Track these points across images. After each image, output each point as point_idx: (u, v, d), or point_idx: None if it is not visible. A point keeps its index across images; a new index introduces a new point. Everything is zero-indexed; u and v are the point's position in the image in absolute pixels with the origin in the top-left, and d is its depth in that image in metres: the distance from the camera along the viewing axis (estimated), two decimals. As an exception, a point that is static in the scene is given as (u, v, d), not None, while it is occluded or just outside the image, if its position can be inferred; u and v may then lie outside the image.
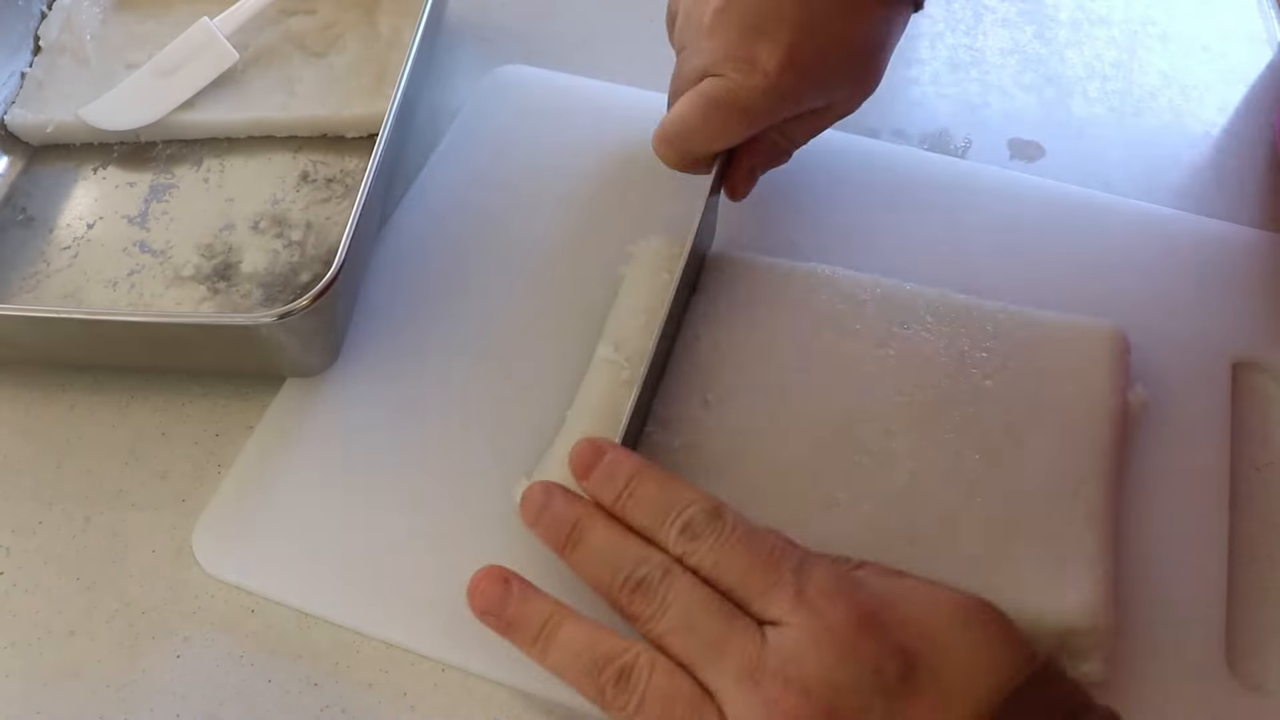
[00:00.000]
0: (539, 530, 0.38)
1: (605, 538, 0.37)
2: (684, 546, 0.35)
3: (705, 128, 0.45)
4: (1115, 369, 0.45)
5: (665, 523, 0.36)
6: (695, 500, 0.36)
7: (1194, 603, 0.42)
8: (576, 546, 0.37)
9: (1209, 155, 0.59)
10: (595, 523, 0.37)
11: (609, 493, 0.37)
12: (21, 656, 0.43)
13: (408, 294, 0.52)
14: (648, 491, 0.37)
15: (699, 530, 0.35)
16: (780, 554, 0.35)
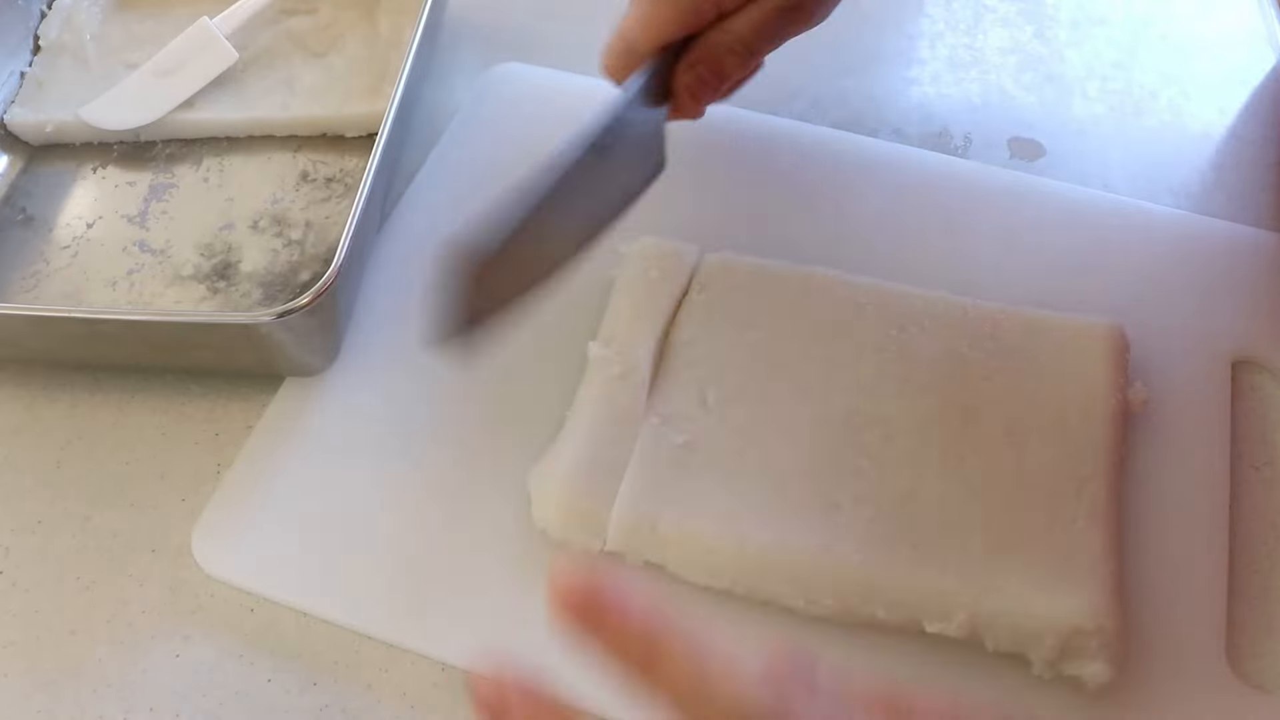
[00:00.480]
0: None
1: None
2: None
3: (639, 23, 0.43)
4: (1115, 368, 0.45)
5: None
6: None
7: (1194, 601, 0.42)
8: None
9: (1209, 155, 0.59)
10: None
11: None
12: (21, 656, 0.43)
13: (407, 293, 0.51)
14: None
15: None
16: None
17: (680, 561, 0.42)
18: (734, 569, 0.41)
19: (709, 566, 0.41)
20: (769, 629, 0.41)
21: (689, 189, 0.54)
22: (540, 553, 0.43)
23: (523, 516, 0.44)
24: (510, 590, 0.43)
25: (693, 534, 0.41)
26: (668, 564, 0.42)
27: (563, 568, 0.29)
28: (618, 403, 0.44)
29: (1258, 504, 0.46)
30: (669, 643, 0.29)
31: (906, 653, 0.41)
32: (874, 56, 0.63)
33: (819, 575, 0.40)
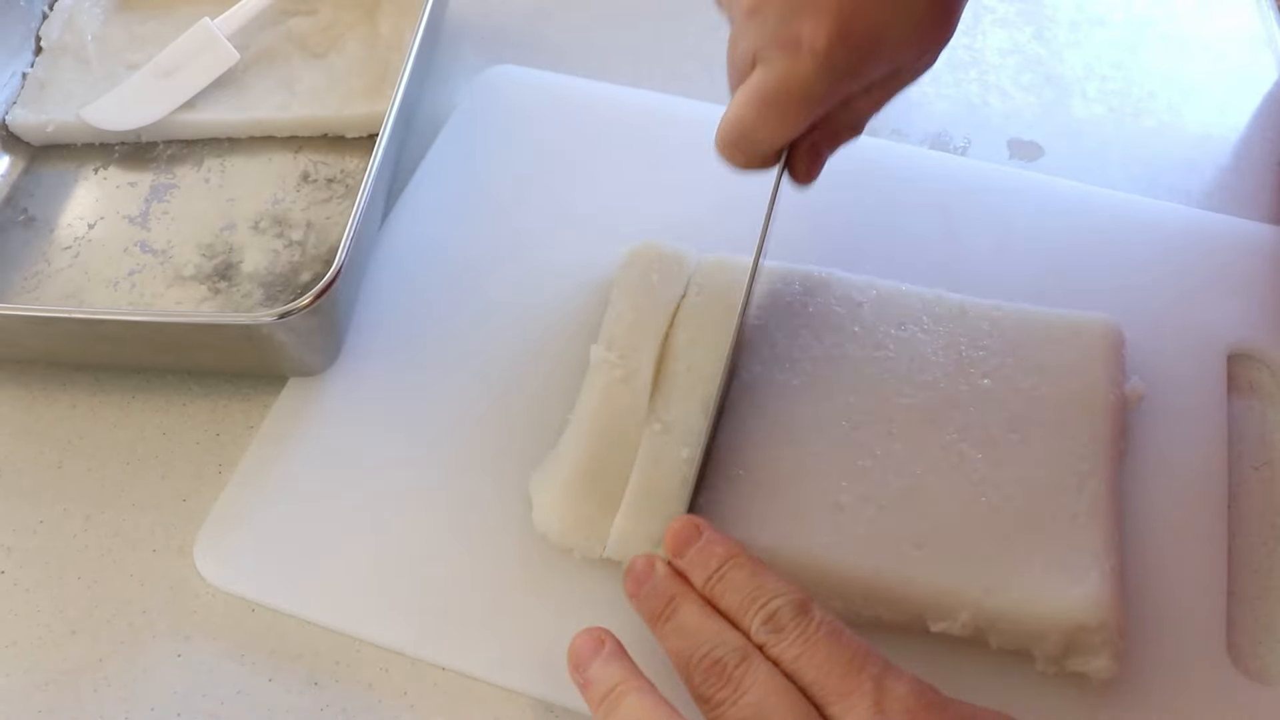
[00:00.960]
0: (639, 602, 0.39)
1: (694, 615, 0.37)
2: (766, 637, 0.35)
3: (764, 125, 0.41)
4: (1112, 363, 0.46)
5: (751, 610, 0.36)
6: (784, 592, 0.36)
7: (1194, 594, 0.42)
8: (668, 621, 0.37)
9: (1209, 155, 0.59)
10: (689, 600, 0.37)
11: (701, 573, 0.38)
12: (22, 656, 0.43)
13: (408, 293, 0.52)
14: (738, 577, 0.37)
15: (783, 622, 0.35)
16: (863, 660, 0.34)
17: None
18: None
19: None
20: None
21: (686, 189, 0.55)
22: (540, 558, 0.43)
23: (524, 521, 0.44)
24: (513, 596, 0.42)
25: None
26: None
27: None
28: (619, 407, 0.44)
29: (1257, 503, 0.46)
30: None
31: (910, 651, 0.40)
32: (874, 57, 0.63)
33: (822, 577, 0.40)
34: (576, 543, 0.42)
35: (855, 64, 0.39)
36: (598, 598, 0.42)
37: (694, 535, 0.39)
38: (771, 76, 0.40)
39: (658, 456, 0.43)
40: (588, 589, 0.42)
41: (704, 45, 0.64)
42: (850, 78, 0.40)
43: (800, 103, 0.40)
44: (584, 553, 0.42)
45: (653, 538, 0.41)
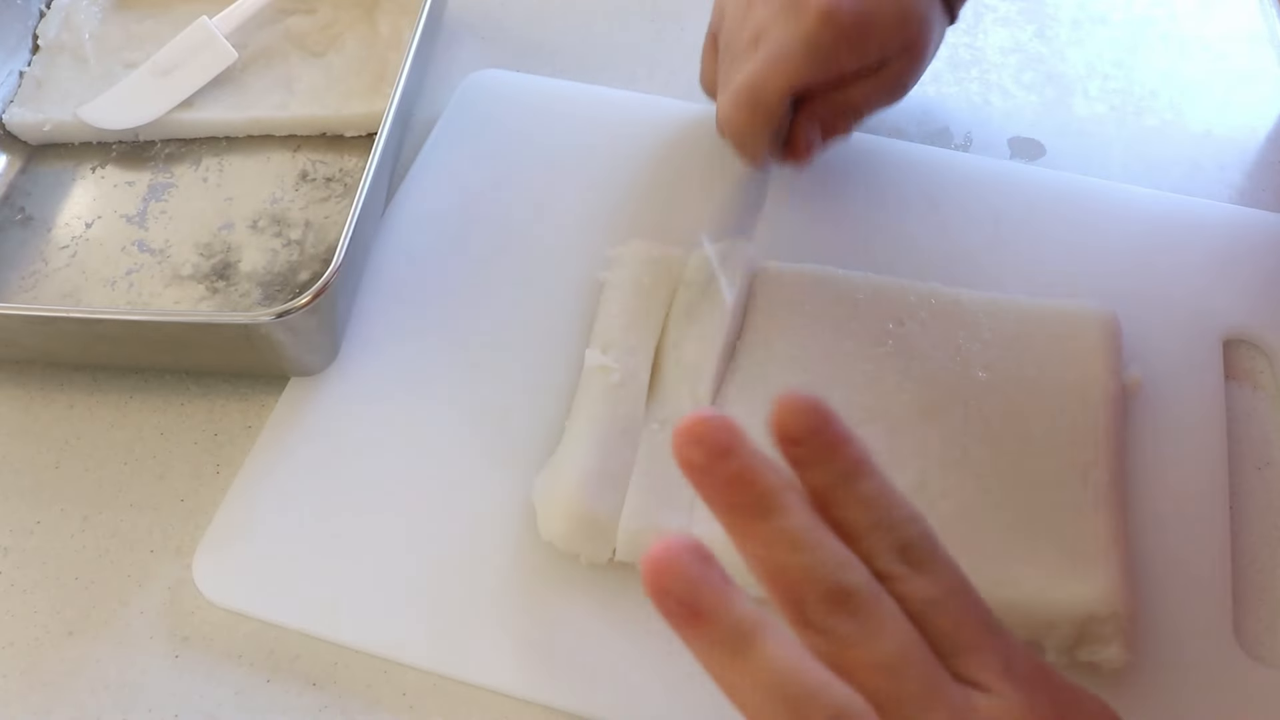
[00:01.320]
0: (709, 482, 0.29)
1: (808, 522, 0.29)
2: (899, 569, 0.29)
3: (773, 77, 0.45)
4: (1110, 352, 0.46)
5: (882, 532, 0.30)
6: (917, 520, 0.30)
7: (1199, 581, 0.42)
8: (767, 518, 0.28)
9: (1211, 154, 0.59)
10: (798, 500, 0.29)
11: (824, 472, 0.30)
12: (21, 656, 0.43)
13: (406, 293, 0.51)
14: (870, 488, 0.30)
15: (920, 557, 0.30)
16: (994, 620, 0.31)
17: None
18: (744, 573, 0.41)
19: None
20: (786, 628, 0.41)
21: (682, 188, 0.54)
22: (547, 564, 0.43)
23: (528, 527, 0.43)
24: (523, 604, 0.42)
25: (701, 540, 0.41)
26: None
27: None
28: (619, 411, 0.44)
29: (1259, 504, 0.46)
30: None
31: None
32: (874, 56, 0.63)
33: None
34: (583, 548, 0.42)
35: (848, 35, 0.44)
36: (608, 602, 0.42)
37: (820, 422, 0.30)
38: (779, 35, 0.45)
39: (657, 454, 0.43)
40: (596, 593, 0.42)
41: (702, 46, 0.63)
42: (845, 47, 0.45)
43: (806, 53, 0.44)
44: (591, 558, 0.42)
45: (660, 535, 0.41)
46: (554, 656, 0.41)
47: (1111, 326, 0.46)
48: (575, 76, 0.62)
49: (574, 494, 0.42)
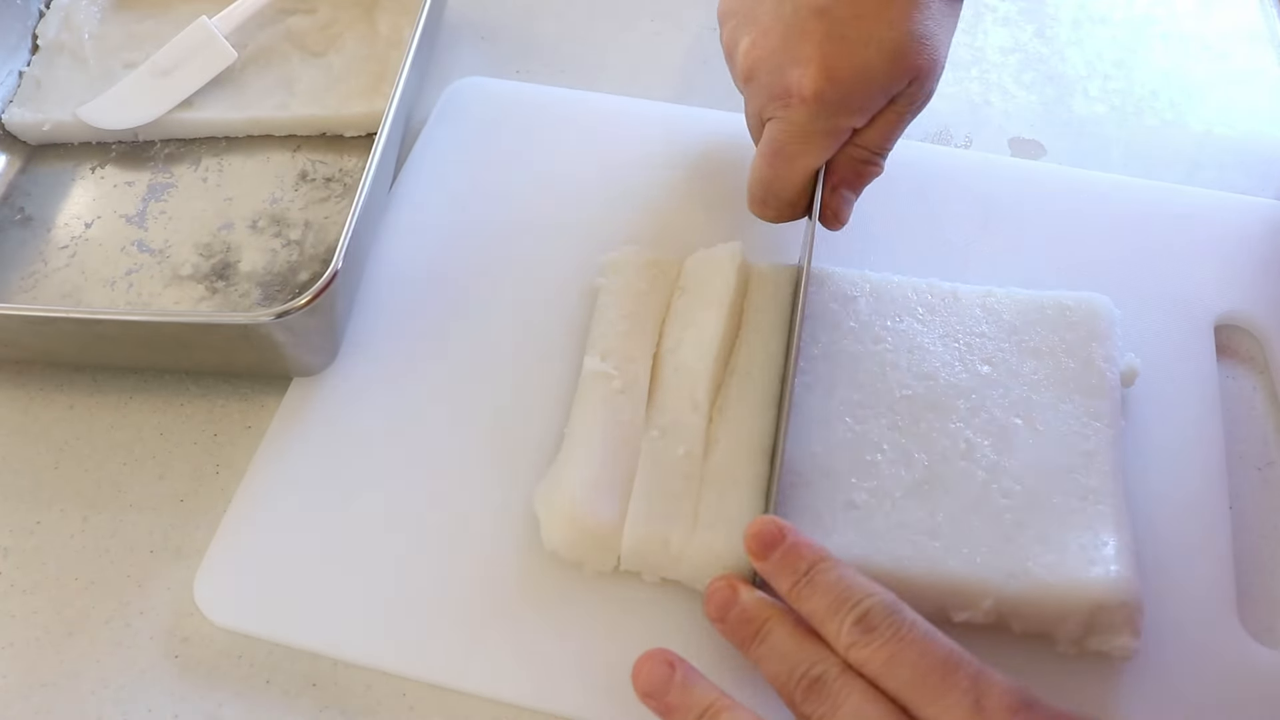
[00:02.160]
0: (725, 627, 0.38)
1: (788, 637, 0.37)
2: (856, 638, 0.35)
3: (779, 175, 0.45)
4: (1108, 340, 0.46)
5: (840, 612, 0.35)
6: (874, 594, 0.36)
7: (1202, 566, 0.43)
8: (761, 644, 0.37)
9: (1211, 153, 0.59)
10: (780, 623, 0.37)
11: (788, 577, 0.37)
12: (20, 657, 0.43)
13: (405, 293, 0.51)
14: (826, 580, 0.37)
15: (875, 623, 0.35)
16: (957, 660, 0.34)
17: (697, 575, 0.41)
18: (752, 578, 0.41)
19: None
20: None
21: (680, 190, 0.54)
22: (551, 574, 0.43)
23: (529, 536, 0.43)
24: (527, 614, 0.42)
25: (705, 547, 0.41)
26: (684, 579, 0.41)
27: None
28: (620, 418, 0.44)
29: (1260, 504, 0.46)
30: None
31: None
32: (874, 56, 0.63)
33: None
34: (587, 557, 0.42)
35: (846, 100, 0.43)
36: (612, 611, 0.42)
37: (778, 538, 0.38)
38: (773, 130, 0.44)
39: (658, 461, 0.43)
40: (600, 602, 0.42)
41: (702, 45, 0.64)
42: (845, 114, 0.43)
43: (802, 146, 0.44)
44: (595, 566, 0.42)
45: (664, 543, 0.41)
46: (559, 665, 0.41)
47: (1108, 314, 0.47)
48: (575, 75, 0.62)
49: (576, 503, 0.41)
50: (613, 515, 0.42)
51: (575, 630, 0.41)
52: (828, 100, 0.42)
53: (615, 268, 0.49)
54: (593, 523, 0.41)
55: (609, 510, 0.42)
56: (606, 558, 0.42)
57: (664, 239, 0.51)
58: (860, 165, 0.46)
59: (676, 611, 0.42)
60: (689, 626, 0.41)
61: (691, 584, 0.41)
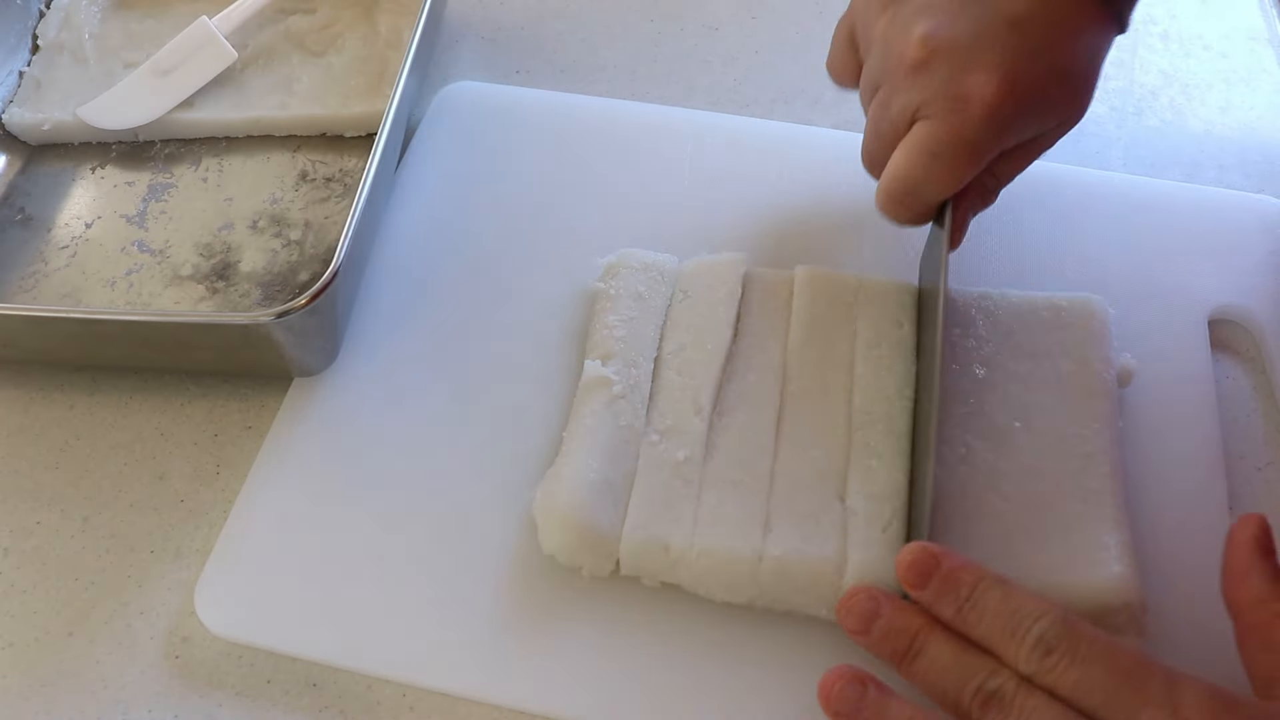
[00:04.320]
0: (869, 640, 0.37)
1: (948, 649, 0.36)
2: (1037, 664, 0.34)
3: (932, 178, 0.42)
4: (1104, 341, 0.46)
5: (1015, 636, 0.34)
6: (1045, 611, 0.35)
7: (1203, 563, 0.42)
8: (916, 658, 0.36)
9: (1211, 154, 0.59)
10: (934, 634, 0.36)
11: (950, 603, 0.36)
12: (20, 657, 0.43)
13: (405, 294, 0.51)
14: (991, 602, 0.35)
15: (1053, 644, 0.34)
16: (1146, 669, 0.33)
17: (696, 580, 0.41)
18: (752, 583, 0.41)
19: (726, 583, 0.41)
20: (794, 638, 0.41)
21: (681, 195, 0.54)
22: (549, 578, 0.43)
23: (527, 540, 0.43)
24: (527, 619, 0.42)
25: (706, 552, 0.41)
26: (684, 583, 0.41)
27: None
28: (620, 423, 0.44)
29: (1260, 505, 0.46)
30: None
31: None
32: (874, 56, 0.63)
33: (840, 584, 0.40)
34: (585, 561, 0.42)
35: (1017, 119, 0.41)
36: (609, 615, 0.42)
37: (933, 564, 0.37)
38: (940, 130, 0.41)
39: (657, 465, 0.43)
40: (597, 606, 0.42)
41: (703, 47, 0.64)
42: (1011, 133, 0.41)
43: (968, 154, 0.41)
44: (593, 571, 0.42)
45: (663, 548, 0.41)
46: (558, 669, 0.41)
47: (1102, 315, 0.47)
48: (575, 76, 0.62)
49: (575, 507, 0.41)
50: (611, 520, 0.41)
51: (573, 634, 0.41)
52: (1003, 115, 0.40)
53: (613, 271, 0.49)
54: (592, 527, 0.41)
55: (608, 515, 0.41)
56: (604, 562, 0.42)
57: (672, 239, 0.51)
58: (983, 192, 0.45)
59: (675, 615, 0.42)
60: (688, 630, 0.41)
61: (692, 588, 0.41)
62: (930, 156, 0.41)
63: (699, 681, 0.40)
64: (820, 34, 0.57)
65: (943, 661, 0.35)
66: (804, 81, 0.62)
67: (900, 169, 0.42)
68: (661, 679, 0.40)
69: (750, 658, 0.41)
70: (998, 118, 0.40)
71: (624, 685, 0.40)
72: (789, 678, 0.40)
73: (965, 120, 0.40)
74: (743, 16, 0.65)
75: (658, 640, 0.41)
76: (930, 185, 0.42)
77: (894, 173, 0.43)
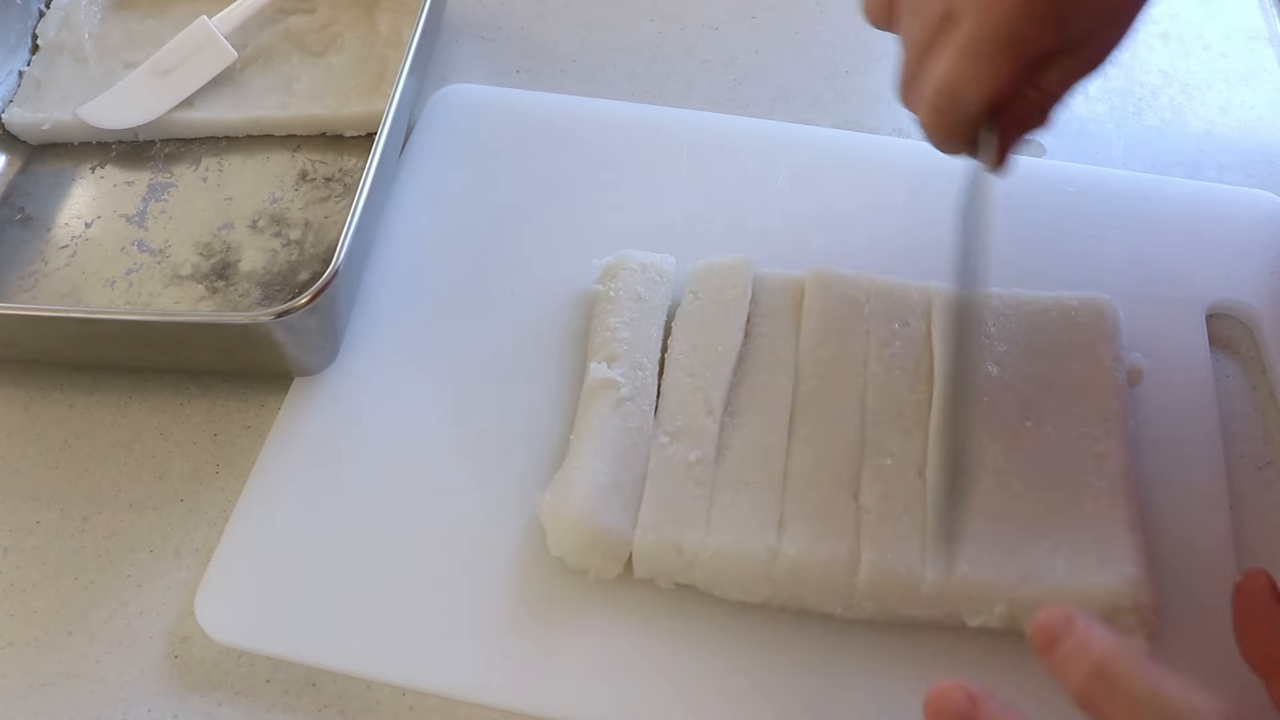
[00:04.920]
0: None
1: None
2: None
3: (972, 78, 0.40)
4: (1114, 341, 0.46)
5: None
6: (1197, 710, 0.31)
7: (1202, 567, 0.43)
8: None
9: (1211, 154, 0.59)
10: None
11: (1081, 673, 0.33)
12: (19, 657, 0.43)
13: (405, 294, 0.51)
14: (1134, 688, 0.32)
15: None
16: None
17: (710, 581, 0.41)
18: (766, 583, 0.41)
19: (740, 583, 0.41)
20: (808, 638, 0.41)
21: (680, 195, 0.54)
22: (554, 581, 0.43)
23: (531, 543, 0.43)
24: (531, 621, 0.42)
25: (719, 552, 0.41)
26: (698, 584, 0.41)
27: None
28: (628, 425, 0.44)
29: (1261, 504, 0.46)
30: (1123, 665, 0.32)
31: (944, 646, 0.41)
32: (875, 55, 0.63)
33: (855, 582, 0.40)
34: (594, 564, 0.42)
35: (1052, 12, 0.38)
36: (620, 616, 0.42)
37: (1065, 625, 0.34)
38: (974, 24, 0.39)
39: (668, 466, 0.43)
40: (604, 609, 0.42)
41: (703, 47, 0.63)
42: (1048, 28, 0.39)
43: (1006, 46, 0.39)
44: (600, 573, 0.42)
45: (676, 549, 0.41)
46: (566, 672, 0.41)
47: (1111, 315, 0.46)
48: (575, 76, 0.62)
49: (586, 510, 0.41)
50: (622, 523, 0.41)
51: (581, 636, 0.41)
52: (1035, 6, 0.38)
53: (611, 273, 0.49)
54: (602, 531, 0.41)
55: (618, 518, 0.41)
56: (613, 565, 0.42)
57: (662, 243, 0.51)
58: (1030, 109, 0.42)
59: (683, 616, 0.42)
60: (697, 630, 0.41)
61: (707, 588, 0.41)
62: (968, 54, 0.40)
63: (710, 683, 0.40)
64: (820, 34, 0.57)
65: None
66: (804, 81, 0.61)
67: (938, 73, 0.41)
68: (671, 680, 0.40)
69: (763, 658, 0.41)
70: (1031, 7, 0.38)
71: (632, 687, 0.40)
72: (803, 678, 0.40)
73: (998, 11, 0.38)
74: (743, 16, 0.65)
75: (666, 641, 0.41)
76: (970, 86, 0.40)
77: (932, 79, 0.41)
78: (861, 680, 0.40)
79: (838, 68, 0.62)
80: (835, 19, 0.53)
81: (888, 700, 0.40)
